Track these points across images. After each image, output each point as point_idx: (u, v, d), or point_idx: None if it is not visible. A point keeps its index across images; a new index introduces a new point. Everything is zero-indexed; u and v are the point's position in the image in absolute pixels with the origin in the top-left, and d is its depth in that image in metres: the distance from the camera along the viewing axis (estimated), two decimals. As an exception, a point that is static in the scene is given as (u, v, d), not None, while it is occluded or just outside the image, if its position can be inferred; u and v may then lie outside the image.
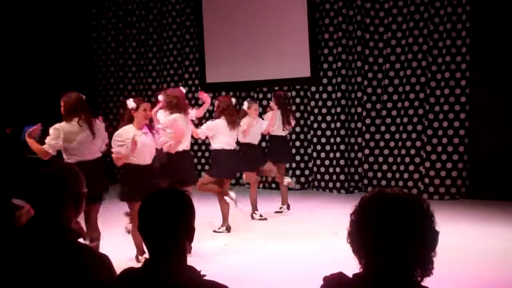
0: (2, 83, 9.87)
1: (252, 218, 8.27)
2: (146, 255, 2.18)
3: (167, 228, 2.02)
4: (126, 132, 5.98)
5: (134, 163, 6.00)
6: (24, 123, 9.51)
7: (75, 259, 2.19)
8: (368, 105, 10.07)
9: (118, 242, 6.50)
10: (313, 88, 10.50)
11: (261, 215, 8.29)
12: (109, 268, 2.28)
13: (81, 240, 2.37)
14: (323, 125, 10.33)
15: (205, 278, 2.10)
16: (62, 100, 5.85)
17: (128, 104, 6.01)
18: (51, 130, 5.69)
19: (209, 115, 9.72)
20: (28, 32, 10.82)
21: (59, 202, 2.30)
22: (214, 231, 7.53)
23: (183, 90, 7.29)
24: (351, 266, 1.87)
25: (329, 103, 10.32)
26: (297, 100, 10.67)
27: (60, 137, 5.65)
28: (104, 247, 5.36)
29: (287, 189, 8.83)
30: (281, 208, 8.78)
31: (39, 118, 10.00)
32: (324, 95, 10.34)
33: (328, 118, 10.35)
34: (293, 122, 8.86)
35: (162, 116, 7.04)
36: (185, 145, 6.81)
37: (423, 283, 1.75)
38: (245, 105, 8.29)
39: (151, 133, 6.15)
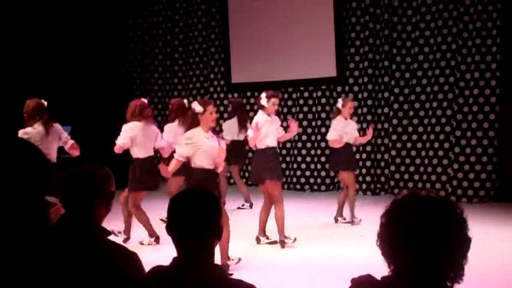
0: (36, 82, 10.02)
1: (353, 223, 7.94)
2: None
3: (196, 227, 2.04)
4: (196, 134, 5.73)
5: (200, 166, 5.74)
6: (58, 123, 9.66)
7: (104, 256, 2.21)
8: (395, 106, 9.98)
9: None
10: (339, 88, 10.46)
11: (344, 218, 8.01)
12: (138, 266, 2.31)
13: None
14: (349, 126, 10.28)
15: (232, 277, 2.12)
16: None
17: (194, 107, 5.78)
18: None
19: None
20: (56, 31, 10.95)
21: (90, 201, 2.36)
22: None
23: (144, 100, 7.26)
24: (378, 268, 1.85)
25: (355, 104, 10.26)
26: (323, 101, 10.63)
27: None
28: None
29: (246, 186, 9.27)
30: (243, 205, 9.18)
31: (71, 118, 10.18)
32: (350, 95, 10.27)
33: (354, 118, 10.28)
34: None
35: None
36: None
37: None
38: (339, 103, 7.92)
39: (217, 138, 5.96)
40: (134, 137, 6.84)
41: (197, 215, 2.05)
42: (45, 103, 6.67)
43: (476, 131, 9.19)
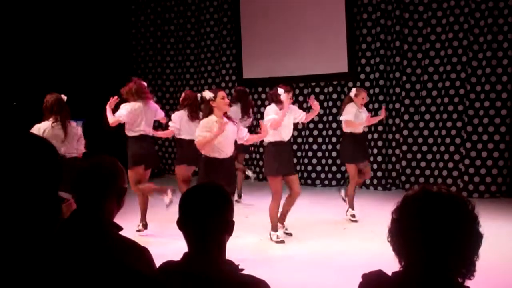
0: (44, 76, 10.09)
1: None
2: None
3: (208, 223, 2.05)
4: (210, 120, 5.82)
5: (213, 156, 5.83)
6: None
7: (115, 252, 2.23)
8: (407, 101, 9.95)
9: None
10: (351, 84, 10.42)
11: (353, 216, 7.88)
12: (149, 261, 2.32)
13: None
14: (361, 121, 10.26)
15: (243, 272, 2.12)
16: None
17: (205, 95, 5.90)
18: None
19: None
20: (67, 28, 11.01)
21: (102, 196, 2.36)
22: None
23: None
24: (389, 264, 1.86)
25: (367, 97, 10.22)
26: (334, 96, 10.61)
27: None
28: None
29: (242, 178, 9.26)
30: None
31: (80, 111, 10.20)
32: (362, 90, 10.25)
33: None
34: (251, 115, 9.19)
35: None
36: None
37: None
38: (352, 92, 7.90)
39: (232, 123, 5.95)
40: (132, 115, 7.03)
41: (208, 210, 2.06)
42: (65, 98, 6.78)
43: (487, 126, 9.15)
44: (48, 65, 10.41)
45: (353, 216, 7.87)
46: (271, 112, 6.79)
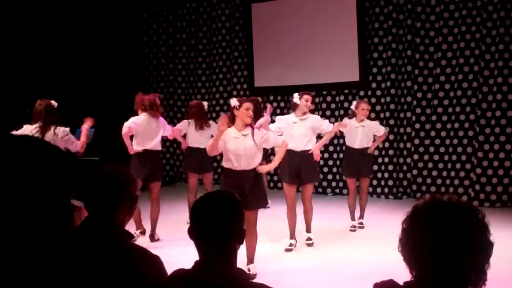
0: (56, 84, 10.17)
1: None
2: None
3: (218, 231, 2.06)
4: (228, 131, 5.77)
5: (225, 166, 5.86)
6: (78, 124, 9.75)
7: (127, 260, 2.24)
8: (418, 110, 9.93)
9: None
10: (362, 93, 10.43)
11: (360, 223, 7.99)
12: (161, 269, 2.32)
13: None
14: (372, 130, 10.24)
15: (254, 281, 2.13)
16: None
17: (231, 102, 5.87)
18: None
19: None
20: (80, 35, 11.09)
21: (113, 204, 2.37)
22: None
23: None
24: (400, 273, 1.86)
25: (378, 108, 10.23)
26: (346, 105, 10.59)
27: None
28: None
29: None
30: None
31: (95, 121, 10.22)
32: (373, 100, 10.25)
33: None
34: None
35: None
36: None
37: None
38: (353, 105, 8.00)
39: (252, 132, 5.80)
40: (137, 128, 7.12)
41: (219, 219, 2.06)
42: (55, 104, 6.65)
43: (499, 136, 9.12)
44: (60, 73, 10.49)
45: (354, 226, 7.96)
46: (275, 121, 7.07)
